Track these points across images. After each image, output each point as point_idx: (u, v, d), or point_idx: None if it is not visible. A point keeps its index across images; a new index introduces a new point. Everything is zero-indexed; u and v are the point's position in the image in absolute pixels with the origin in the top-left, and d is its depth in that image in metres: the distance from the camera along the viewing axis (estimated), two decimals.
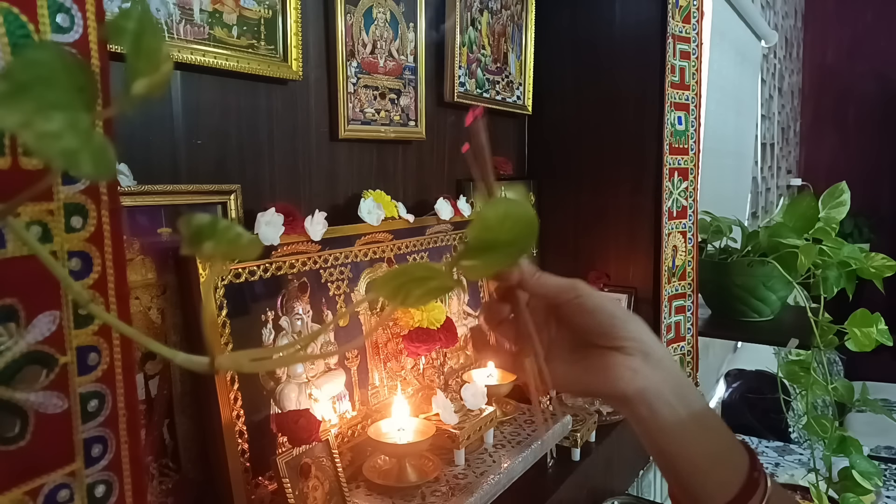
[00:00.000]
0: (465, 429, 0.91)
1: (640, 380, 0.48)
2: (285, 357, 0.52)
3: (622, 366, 0.48)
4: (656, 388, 0.48)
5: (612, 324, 0.48)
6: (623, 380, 0.48)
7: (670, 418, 0.48)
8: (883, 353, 1.58)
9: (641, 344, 0.48)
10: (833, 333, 1.34)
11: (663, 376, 0.48)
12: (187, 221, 0.30)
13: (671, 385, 0.49)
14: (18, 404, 0.35)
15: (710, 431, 0.50)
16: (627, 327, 0.49)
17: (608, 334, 0.48)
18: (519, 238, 0.38)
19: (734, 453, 0.50)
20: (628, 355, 0.48)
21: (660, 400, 0.48)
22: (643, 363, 0.48)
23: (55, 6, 0.35)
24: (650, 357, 0.48)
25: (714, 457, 0.49)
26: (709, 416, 0.50)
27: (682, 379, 0.50)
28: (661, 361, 0.49)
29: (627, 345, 0.48)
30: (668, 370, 0.49)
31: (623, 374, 0.48)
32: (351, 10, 0.93)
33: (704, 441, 0.49)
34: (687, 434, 0.49)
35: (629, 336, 0.48)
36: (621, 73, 1.31)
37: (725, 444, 0.50)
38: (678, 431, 0.48)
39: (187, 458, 0.71)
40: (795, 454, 2.41)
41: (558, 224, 1.41)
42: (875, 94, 4.43)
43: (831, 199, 1.42)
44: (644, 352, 0.48)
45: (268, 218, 0.75)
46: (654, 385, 0.48)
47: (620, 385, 0.48)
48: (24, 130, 0.25)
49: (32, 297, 0.35)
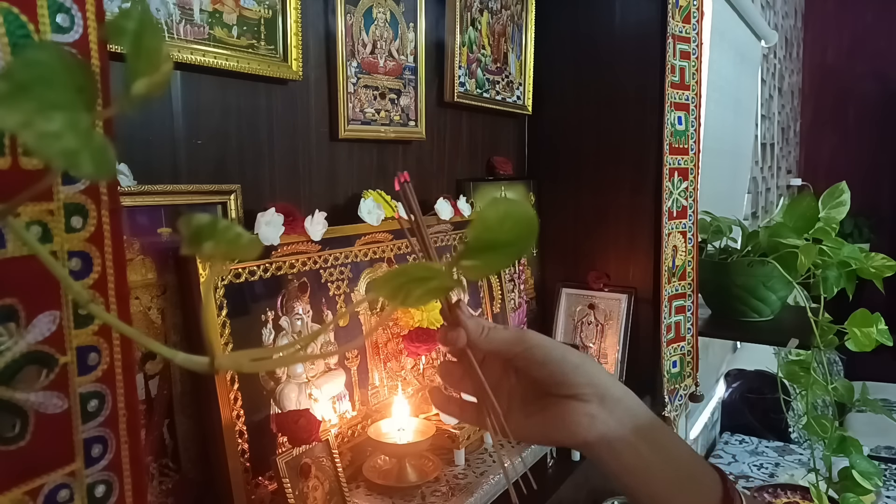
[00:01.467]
0: (465, 429, 0.91)
1: (599, 425, 0.47)
2: (285, 357, 0.52)
3: (579, 413, 0.48)
4: (615, 432, 0.48)
5: (563, 371, 0.48)
6: (581, 426, 0.48)
7: (633, 458, 0.48)
8: (883, 353, 1.58)
9: (596, 388, 0.48)
10: (833, 333, 1.34)
11: (621, 417, 0.48)
12: (187, 221, 0.30)
13: (631, 425, 0.48)
14: (18, 404, 0.35)
15: (672, 460, 0.49)
16: (580, 372, 0.48)
17: (562, 383, 0.48)
18: (519, 238, 0.38)
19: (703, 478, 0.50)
20: (584, 402, 0.48)
21: (621, 442, 0.48)
22: (600, 408, 0.48)
23: (55, 6, 0.35)
24: (606, 399, 0.48)
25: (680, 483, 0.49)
26: (670, 446, 0.50)
27: (640, 414, 0.49)
28: (619, 402, 0.48)
29: (582, 392, 0.48)
30: (627, 409, 0.49)
31: (581, 420, 0.47)
32: (351, 10, 0.93)
33: (668, 470, 0.49)
34: (650, 467, 0.48)
35: (583, 382, 0.48)
36: (621, 72, 1.31)
37: (692, 470, 0.50)
38: (641, 467, 0.48)
39: (187, 458, 0.71)
40: (795, 454, 2.41)
41: (558, 224, 1.41)
42: (875, 94, 4.43)
43: (831, 199, 1.42)
44: (600, 395, 0.48)
45: (268, 218, 0.75)
46: (612, 429, 0.48)
47: (580, 432, 0.48)
48: (24, 130, 0.25)
49: (32, 297, 0.35)
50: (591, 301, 1.36)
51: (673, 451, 0.50)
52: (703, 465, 0.51)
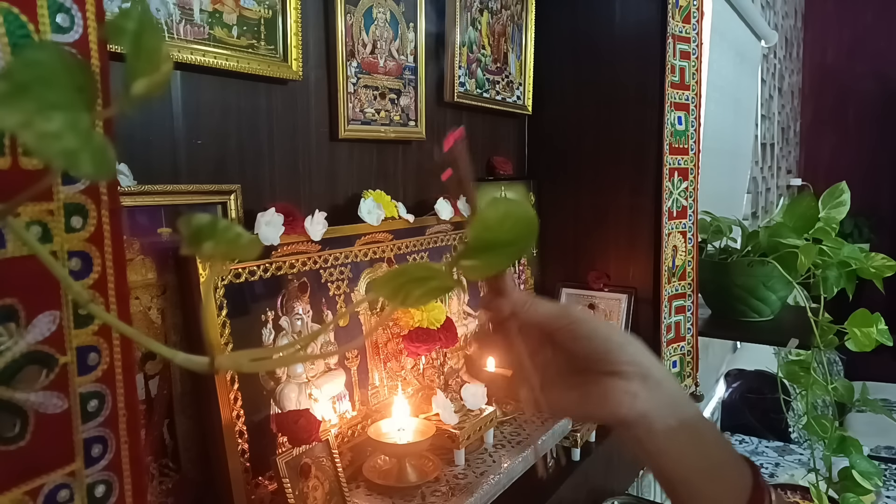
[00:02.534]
0: (465, 429, 0.91)
1: (640, 404, 0.47)
2: (285, 357, 0.52)
3: (621, 391, 0.47)
4: (655, 411, 0.47)
5: (607, 349, 0.48)
6: (623, 405, 0.47)
7: (669, 439, 0.48)
8: (883, 353, 1.57)
9: (640, 367, 0.48)
10: (833, 333, 1.34)
11: (662, 398, 0.48)
12: (187, 221, 0.30)
13: (670, 405, 0.48)
14: (18, 404, 0.35)
15: (708, 448, 0.49)
16: (624, 351, 0.48)
17: (605, 359, 0.48)
18: (519, 238, 0.38)
19: (735, 469, 0.49)
20: (627, 380, 0.47)
21: (659, 423, 0.47)
22: (642, 386, 0.47)
23: (55, 6, 0.35)
24: (649, 379, 0.48)
25: (713, 473, 0.49)
26: (707, 433, 0.50)
27: (680, 398, 0.49)
28: (660, 383, 0.48)
29: (625, 369, 0.48)
30: (667, 391, 0.49)
31: (622, 399, 0.47)
32: (351, 10, 0.93)
33: (703, 458, 0.49)
34: (685, 452, 0.48)
35: (627, 360, 0.48)
36: (621, 72, 1.31)
37: (726, 460, 0.50)
38: (676, 451, 0.48)
39: (187, 458, 0.71)
40: (795, 454, 2.41)
41: (558, 224, 1.41)
42: (875, 94, 4.43)
43: (831, 199, 1.42)
44: (643, 375, 0.48)
45: (268, 218, 0.75)
46: (652, 408, 0.47)
47: (621, 410, 0.47)
48: (24, 130, 0.25)
49: (32, 297, 0.35)
50: (591, 301, 1.36)
51: (709, 439, 0.50)
52: (737, 457, 0.50)
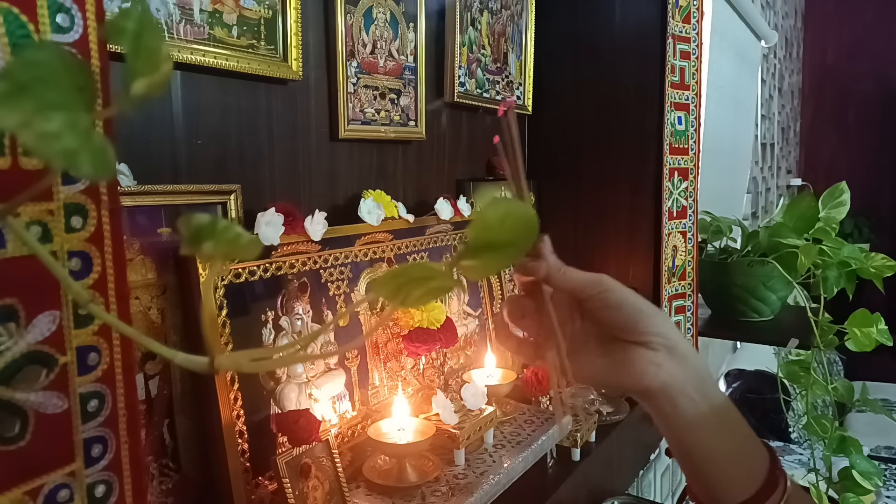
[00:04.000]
0: (465, 429, 0.91)
1: (664, 375, 0.48)
2: (285, 357, 0.52)
3: (646, 360, 0.48)
4: (680, 384, 0.48)
5: (637, 319, 0.48)
6: (647, 374, 0.48)
7: (692, 413, 0.48)
8: (883, 353, 1.57)
9: (666, 339, 0.48)
10: (833, 333, 1.34)
11: (687, 371, 0.49)
12: (187, 221, 0.30)
13: (694, 380, 0.49)
14: (18, 404, 0.34)
15: (730, 427, 0.50)
16: (653, 322, 0.49)
17: (633, 329, 0.48)
18: (519, 238, 0.38)
19: (754, 451, 0.50)
20: (653, 350, 0.48)
21: (683, 395, 0.48)
22: (667, 358, 0.48)
23: (55, 6, 0.35)
24: (675, 352, 0.48)
25: (734, 453, 0.49)
26: (730, 412, 0.50)
27: (705, 374, 0.50)
28: (685, 357, 0.49)
29: (652, 339, 0.48)
30: (692, 365, 0.49)
31: (647, 368, 0.48)
32: (351, 10, 0.93)
33: (725, 436, 0.49)
34: (707, 429, 0.49)
35: (654, 331, 0.48)
36: (621, 72, 1.31)
37: (746, 441, 0.50)
38: (699, 426, 0.49)
39: (187, 458, 0.71)
40: (795, 454, 2.41)
41: (558, 224, 1.41)
42: (875, 94, 4.43)
43: (831, 199, 1.42)
44: (669, 347, 0.48)
45: (268, 218, 0.75)
46: (677, 380, 0.48)
47: (645, 380, 0.48)
48: (23, 130, 0.25)
49: (32, 297, 0.35)
50: None
51: (730, 418, 0.50)
52: (756, 441, 0.51)
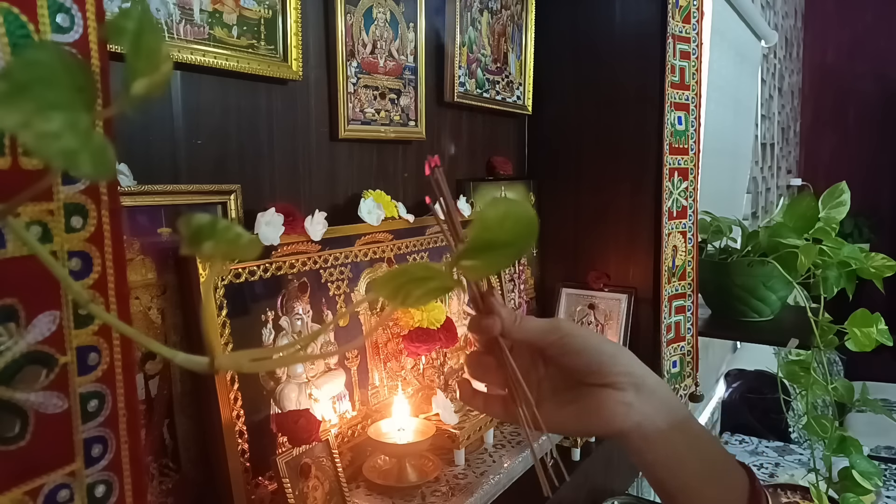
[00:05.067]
0: (465, 429, 0.91)
1: (635, 414, 0.47)
2: (285, 357, 0.52)
3: (616, 402, 0.47)
4: (651, 422, 0.48)
5: (600, 361, 0.48)
6: (618, 416, 0.47)
7: (666, 449, 0.48)
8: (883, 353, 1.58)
9: (632, 377, 0.48)
10: (833, 333, 1.34)
11: (656, 407, 0.48)
12: (187, 221, 0.30)
13: (664, 413, 0.48)
14: (18, 404, 0.34)
15: (704, 453, 0.50)
16: (616, 362, 0.48)
17: (598, 372, 0.48)
18: (519, 238, 0.38)
19: (731, 474, 0.50)
20: (620, 390, 0.47)
21: (656, 432, 0.48)
22: (636, 396, 0.48)
23: (55, 6, 0.35)
24: (642, 389, 0.48)
25: (709, 477, 0.49)
26: (702, 438, 0.50)
27: (674, 405, 0.50)
28: (653, 391, 0.48)
29: (619, 380, 0.48)
30: (661, 399, 0.49)
31: (617, 409, 0.47)
32: (351, 10, 0.93)
33: (699, 463, 0.49)
34: (681, 458, 0.49)
35: (619, 371, 0.48)
36: (621, 72, 1.31)
37: (722, 465, 0.50)
38: (673, 457, 0.48)
39: (187, 458, 0.71)
40: (795, 454, 2.41)
41: (558, 224, 1.41)
42: (875, 94, 4.43)
43: (831, 199, 1.42)
44: (636, 385, 0.48)
45: (268, 218, 0.75)
46: (648, 418, 0.48)
47: (616, 422, 0.48)
48: (23, 130, 0.24)
49: (32, 297, 0.35)
50: (591, 301, 1.36)
51: (704, 445, 0.50)
52: (732, 462, 0.51)
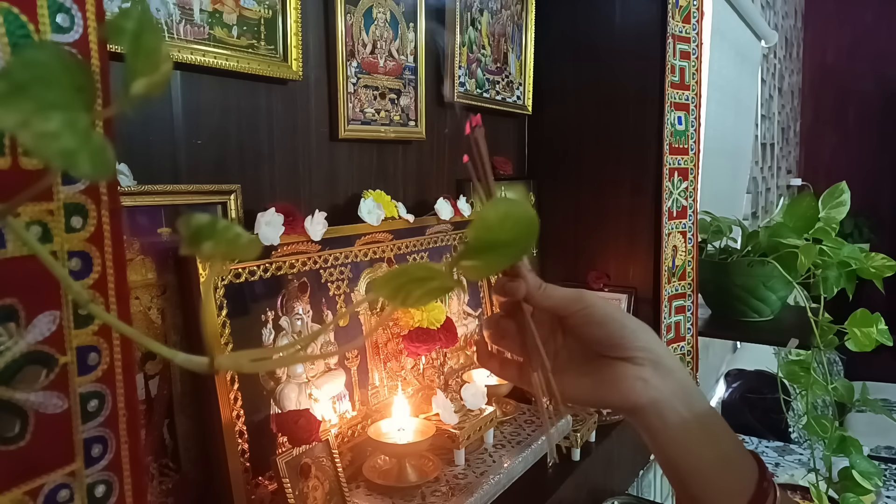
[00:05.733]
0: (465, 429, 0.91)
1: (652, 390, 0.47)
2: (285, 357, 0.52)
3: (633, 377, 0.47)
4: (667, 399, 0.48)
5: (621, 334, 0.48)
6: (635, 391, 0.47)
7: (679, 427, 0.48)
8: (883, 353, 1.57)
9: (652, 354, 0.48)
10: (833, 333, 1.34)
11: (673, 386, 0.48)
12: (187, 221, 0.30)
13: (681, 394, 0.48)
14: (18, 404, 0.34)
15: (717, 439, 0.49)
16: (637, 337, 0.48)
17: (618, 345, 0.48)
18: (519, 238, 0.38)
19: (742, 462, 0.50)
20: (639, 366, 0.48)
21: (670, 410, 0.48)
22: (654, 373, 0.48)
23: (55, 6, 0.35)
24: (660, 366, 0.48)
25: (722, 464, 0.49)
26: (717, 424, 0.50)
27: (691, 387, 0.50)
28: (671, 371, 0.48)
29: (638, 355, 0.48)
30: (678, 379, 0.49)
31: (634, 385, 0.47)
32: (351, 10, 0.93)
33: (712, 449, 0.49)
34: (695, 442, 0.48)
35: (639, 346, 0.48)
36: (621, 72, 1.31)
37: (733, 453, 0.50)
38: (686, 440, 0.48)
39: (187, 458, 0.71)
40: (795, 454, 2.41)
41: (558, 224, 1.41)
42: (875, 94, 4.43)
43: (831, 199, 1.42)
44: (654, 361, 0.48)
45: (268, 218, 0.75)
46: (664, 395, 0.48)
47: (632, 396, 0.48)
48: (22, 130, 0.24)
49: (32, 297, 0.35)
50: None
51: (717, 430, 0.50)
52: (744, 451, 0.50)
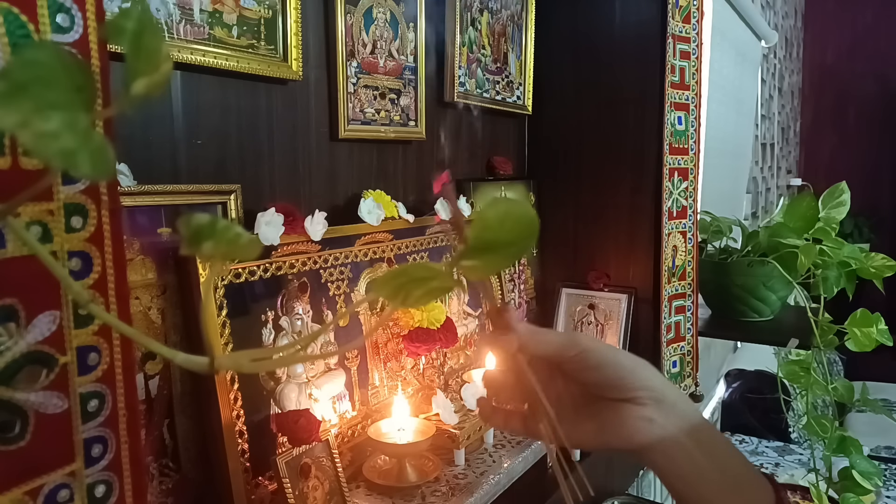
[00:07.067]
0: (465, 429, 0.91)
1: (657, 429, 0.47)
2: (285, 357, 0.52)
3: (637, 417, 0.47)
4: (673, 435, 0.47)
5: (620, 376, 0.47)
6: (640, 432, 0.47)
7: (687, 463, 0.47)
8: (883, 353, 1.57)
9: (653, 391, 0.47)
10: (833, 333, 1.34)
11: (678, 421, 0.47)
12: (187, 221, 0.30)
13: (686, 429, 0.47)
14: (18, 404, 0.34)
15: (727, 466, 0.49)
16: (637, 376, 0.47)
17: (618, 387, 0.47)
18: (519, 238, 0.38)
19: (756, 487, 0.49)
20: (641, 405, 0.47)
21: (677, 446, 0.47)
22: (657, 411, 0.47)
23: (55, 6, 0.35)
24: (663, 403, 0.47)
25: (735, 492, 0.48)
26: (725, 451, 0.49)
27: (695, 418, 0.49)
28: (674, 405, 0.48)
29: (640, 395, 0.47)
30: (681, 413, 0.48)
31: (639, 426, 0.47)
32: (351, 10, 0.93)
33: (723, 477, 0.48)
34: (705, 473, 0.48)
35: (640, 385, 0.47)
36: (621, 72, 1.31)
37: (745, 478, 0.49)
38: (696, 474, 0.47)
39: (187, 458, 0.71)
40: (795, 454, 2.41)
41: (558, 224, 1.41)
42: (875, 94, 4.43)
43: (831, 199, 1.42)
44: (657, 399, 0.47)
45: (268, 218, 0.75)
46: (669, 432, 0.47)
47: (637, 438, 0.47)
48: (22, 130, 0.24)
49: (32, 297, 0.35)
50: (591, 301, 1.35)
51: (725, 457, 0.49)
52: (755, 473, 0.49)
